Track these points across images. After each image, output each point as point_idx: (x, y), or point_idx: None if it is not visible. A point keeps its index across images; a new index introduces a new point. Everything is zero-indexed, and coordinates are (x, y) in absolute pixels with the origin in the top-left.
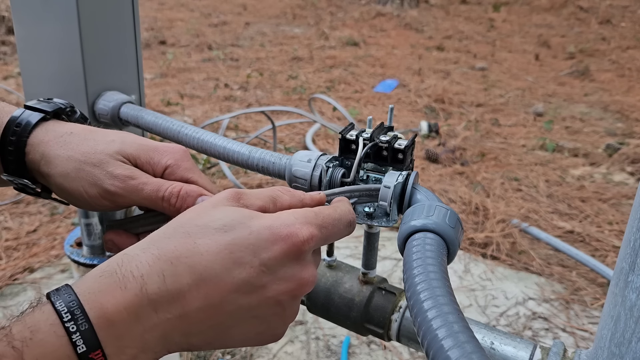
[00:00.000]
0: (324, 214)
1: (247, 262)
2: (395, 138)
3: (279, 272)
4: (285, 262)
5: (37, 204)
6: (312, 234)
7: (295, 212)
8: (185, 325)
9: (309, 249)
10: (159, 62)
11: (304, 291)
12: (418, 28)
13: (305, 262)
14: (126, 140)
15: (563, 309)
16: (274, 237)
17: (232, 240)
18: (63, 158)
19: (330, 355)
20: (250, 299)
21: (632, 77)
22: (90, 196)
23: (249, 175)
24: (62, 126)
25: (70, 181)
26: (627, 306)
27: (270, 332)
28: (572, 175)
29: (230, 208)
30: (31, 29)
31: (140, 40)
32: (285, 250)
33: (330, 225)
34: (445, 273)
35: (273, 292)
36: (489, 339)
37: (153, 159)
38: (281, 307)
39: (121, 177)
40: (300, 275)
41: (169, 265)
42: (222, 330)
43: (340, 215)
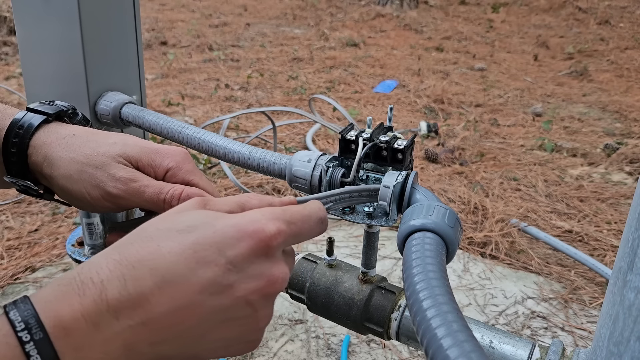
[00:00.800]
0: (292, 210)
1: (213, 261)
2: (394, 138)
3: (247, 270)
4: (253, 259)
5: (38, 204)
6: (279, 229)
7: (262, 210)
8: (150, 333)
9: (277, 244)
10: (160, 63)
11: (275, 289)
12: (417, 29)
13: (275, 259)
14: (128, 143)
15: (562, 308)
16: (239, 233)
17: (195, 239)
18: (66, 160)
19: (330, 354)
20: (219, 300)
21: (630, 77)
22: (93, 198)
23: (249, 175)
24: (64, 128)
25: (73, 183)
26: (625, 305)
27: (245, 339)
28: (571, 175)
29: (195, 211)
30: (32, 30)
31: (141, 41)
32: (253, 247)
33: (299, 221)
34: (444, 272)
35: (242, 291)
36: (488, 338)
37: (155, 161)
38: (252, 307)
39: (123, 179)
40: (270, 272)
41: (130, 269)
42: (192, 337)
43: (310, 212)
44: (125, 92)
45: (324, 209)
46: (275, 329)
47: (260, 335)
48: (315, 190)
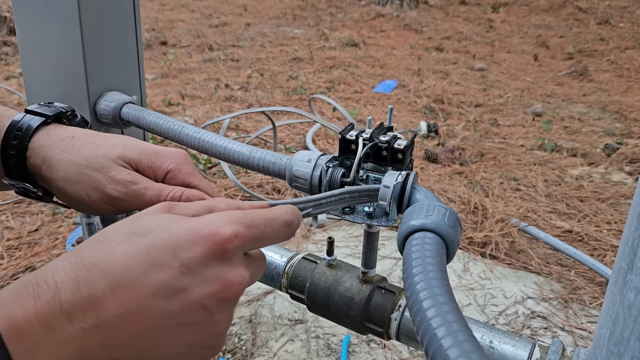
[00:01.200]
0: (254, 213)
1: (166, 264)
2: (394, 138)
3: (202, 274)
4: (208, 262)
5: (38, 204)
6: (236, 231)
7: (221, 212)
8: (103, 336)
9: (234, 247)
10: (160, 63)
11: (231, 294)
12: (417, 29)
13: (232, 263)
14: (128, 145)
15: (562, 308)
16: (194, 236)
17: (150, 243)
18: (65, 162)
19: (330, 353)
20: (172, 304)
21: (630, 77)
22: (92, 200)
23: (249, 175)
24: (63, 130)
25: (72, 185)
26: (625, 305)
27: (203, 344)
28: (571, 175)
29: (156, 215)
30: (33, 30)
31: (141, 41)
32: (207, 250)
33: (261, 224)
34: (444, 272)
35: (196, 295)
36: (488, 338)
37: (154, 163)
38: (208, 312)
39: (123, 181)
40: (226, 276)
41: (84, 272)
42: (147, 342)
43: (275, 216)
44: (125, 92)
45: (292, 213)
46: (275, 329)
47: (219, 341)
48: (315, 190)
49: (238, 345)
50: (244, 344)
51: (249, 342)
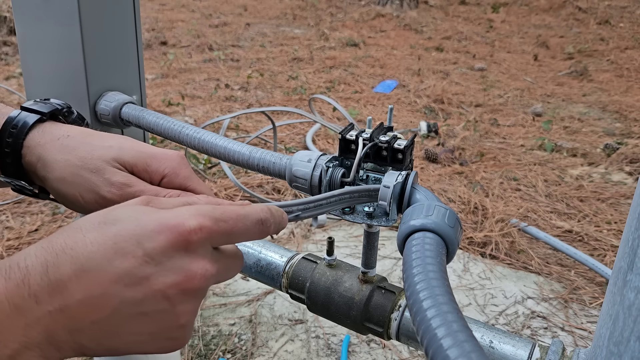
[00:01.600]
0: (225, 208)
1: (130, 252)
2: (394, 138)
3: (165, 264)
4: (171, 253)
5: (38, 204)
6: (201, 224)
7: (192, 206)
8: (68, 319)
9: (198, 240)
10: (160, 63)
11: (193, 285)
12: (417, 29)
13: (196, 255)
14: (124, 147)
15: (562, 307)
16: (160, 227)
17: (117, 231)
18: (60, 162)
19: (330, 353)
20: (134, 291)
21: (630, 77)
22: (86, 201)
23: (249, 175)
24: (58, 128)
25: (67, 186)
26: (625, 305)
27: (165, 335)
28: (571, 175)
29: (130, 206)
30: (32, 30)
31: (141, 41)
32: (171, 241)
33: (231, 220)
34: (444, 272)
35: (159, 284)
36: (488, 338)
37: (150, 166)
38: (170, 302)
39: (118, 184)
40: (189, 267)
41: (53, 256)
42: (110, 328)
43: (248, 212)
44: (125, 92)
45: (268, 212)
46: (275, 329)
47: (183, 332)
48: (315, 190)
49: (238, 345)
50: (244, 344)
51: (249, 342)
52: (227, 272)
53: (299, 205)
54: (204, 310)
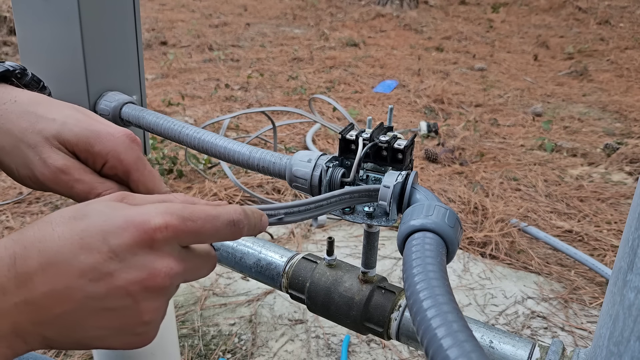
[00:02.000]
0: (195, 207)
1: (95, 248)
2: (394, 138)
3: (129, 261)
4: (136, 250)
5: (38, 204)
6: (167, 222)
7: (162, 204)
8: (33, 312)
9: (163, 238)
10: (160, 63)
11: (157, 283)
12: (417, 29)
13: (161, 253)
14: (67, 122)
15: (562, 307)
16: (126, 224)
17: (85, 226)
18: (2, 130)
19: (330, 353)
20: (98, 287)
21: (630, 77)
22: (21, 175)
23: (249, 175)
24: (7, 92)
25: (4, 155)
26: (625, 305)
27: (129, 331)
28: (571, 175)
29: (103, 202)
30: (33, 30)
31: (141, 41)
32: (136, 238)
33: (200, 220)
34: (444, 272)
35: (122, 281)
36: (488, 338)
37: (93, 148)
38: (133, 299)
39: (52, 167)
40: (153, 265)
41: (22, 249)
42: (74, 321)
43: (219, 213)
44: (125, 92)
45: (242, 214)
46: (275, 329)
47: (148, 329)
48: (315, 190)
49: (238, 345)
50: (244, 344)
51: (249, 342)
52: (196, 271)
53: (292, 207)
54: (204, 310)
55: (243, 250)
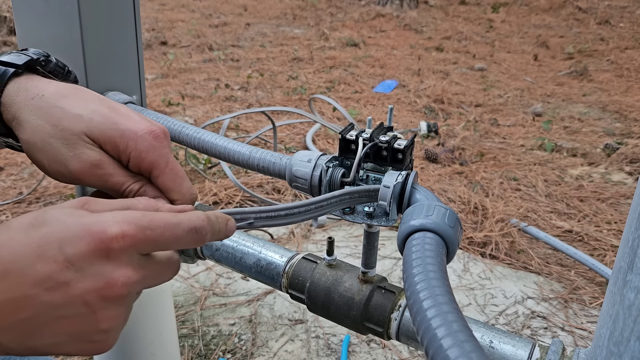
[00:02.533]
0: (155, 215)
1: (52, 257)
2: (394, 138)
3: (86, 270)
4: (93, 259)
5: (38, 204)
6: (124, 232)
7: (120, 212)
8: None
9: (120, 247)
10: (160, 63)
11: (114, 293)
12: (417, 29)
13: (118, 262)
14: (93, 119)
15: (562, 307)
16: (83, 232)
17: (43, 235)
18: (32, 125)
19: (330, 353)
20: (54, 296)
21: (630, 77)
22: (52, 170)
23: (249, 175)
24: (34, 85)
25: (36, 151)
26: (625, 305)
27: (87, 338)
28: (571, 175)
29: (63, 209)
30: (32, 30)
31: (141, 41)
32: (92, 247)
33: (159, 228)
34: (445, 272)
35: (78, 290)
36: (488, 338)
37: (118, 147)
38: (89, 308)
39: (88, 163)
40: (110, 275)
41: None
42: (30, 329)
43: (180, 220)
44: (125, 92)
45: (205, 220)
46: (275, 329)
47: (106, 337)
48: (315, 190)
49: (238, 345)
50: (244, 344)
51: (249, 342)
52: (157, 278)
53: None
54: (204, 310)
55: (243, 250)
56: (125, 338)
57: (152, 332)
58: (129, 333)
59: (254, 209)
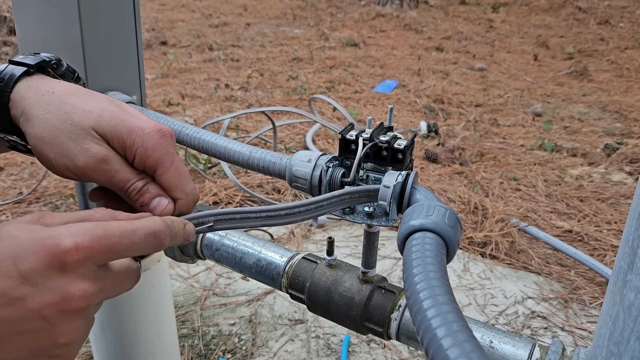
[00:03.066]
0: (110, 225)
1: (6, 273)
2: (394, 138)
3: (42, 285)
4: (48, 274)
5: (38, 204)
6: (77, 244)
7: (74, 224)
8: None
9: (74, 261)
10: (160, 63)
11: (71, 306)
12: (417, 29)
13: (74, 275)
14: (103, 115)
15: (562, 307)
16: (37, 247)
17: None
18: (41, 120)
19: (330, 353)
20: (10, 311)
21: (630, 77)
22: (58, 165)
23: (249, 175)
24: (44, 84)
25: (43, 145)
26: (625, 305)
27: (45, 353)
28: (571, 175)
29: (17, 224)
30: (33, 30)
31: (141, 41)
32: (47, 261)
33: (114, 237)
34: (445, 272)
35: (35, 305)
36: (488, 338)
37: (125, 143)
38: (47, 322)
39: (95, 158)
40: (66, 288)
41: None
42: None
43: (136, 227)
44: (126, 92)
45: (162, 224)
46: (275, 329)
47: (66, 350)
48: (315, 190)
49: (238, 345)
50: (244, 344)
51: (249, 342)
52: (116, 288)
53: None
54: (204, 310)
55: (243, 250)
56: (125, 338)
57: (152, 332)
58: (129, 333)
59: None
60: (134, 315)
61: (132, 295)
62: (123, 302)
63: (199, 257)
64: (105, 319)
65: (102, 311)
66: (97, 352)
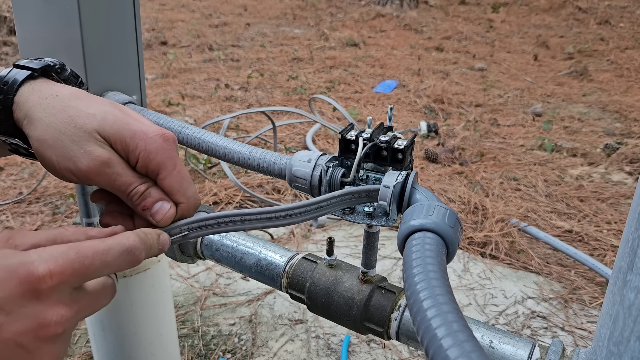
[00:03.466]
0: (82, 246)
1: None
2: (394, 138)
3: (17, 312)
4: (23, 302)
5: (38, 204)
6: (51, 270)
7: (46, 248)
8: None
9: (49, 287)
10: (160, 63)
11: (48, 332)
12: (417, 29)
13: (49, 301)
14: (106, 119)
15: (562, 307)
16: (9, 275)
17: None
18: (44, 123)
19: (330, 353)
20: None
21: (630, 77)
22: (61, 167)
23: (249, 175)
24: (48, 87)
25: (46, 148)
26: (625, 305)
27: None
28: (571, 175)
29: None
30: (33, 30)
31: (141, 41)
32: (20, 290)
33: (87, 258)
34: (445, 272)
35: (10, 333)
36: (488, 338)
37: (128, 147)
38: (25, 349)
39: (98, 160)
40: (43, 315)
41: None
42: None
43: (109, 246)
44: (126, 92)
45: (135, 239)
46: (275, 329)
47: None
48: (315, 190)
49: (238, 345)
50: (244, 344)
51: (249, 342)
52: (92, 307)
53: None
54: (204, 310)
55: (243, 250)
56: (125, 338)
57: (152, 332)
58: (129, 333)
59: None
60: (134, 316)
61: (132, 296)
62: (123, 302)
63: (199, 257)
64: (105, 319)
65: (102, 311)
66: (97, 352)
